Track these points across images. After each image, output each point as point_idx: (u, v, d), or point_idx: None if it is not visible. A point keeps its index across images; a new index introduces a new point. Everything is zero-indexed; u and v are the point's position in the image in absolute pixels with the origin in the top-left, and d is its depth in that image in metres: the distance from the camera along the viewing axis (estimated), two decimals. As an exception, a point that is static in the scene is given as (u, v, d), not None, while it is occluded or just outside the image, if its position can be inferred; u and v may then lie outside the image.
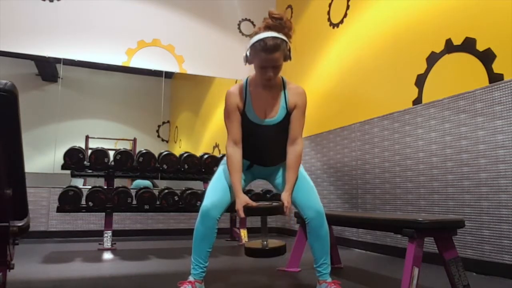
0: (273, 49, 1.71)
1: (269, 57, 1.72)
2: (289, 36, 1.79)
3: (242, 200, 1.77)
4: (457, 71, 2.76)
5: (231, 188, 1.84)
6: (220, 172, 1.93)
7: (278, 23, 1.75)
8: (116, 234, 4.08)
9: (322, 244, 1.84)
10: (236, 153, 1.84)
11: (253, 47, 1.75)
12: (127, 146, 6.66)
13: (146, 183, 5.73)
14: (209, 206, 1.79)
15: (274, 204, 1.75)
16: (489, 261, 2.46)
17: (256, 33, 1.76)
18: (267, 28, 1.75)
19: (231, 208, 1.87)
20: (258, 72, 1.80)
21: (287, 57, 1.79)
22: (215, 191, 1.86)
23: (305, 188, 1.88)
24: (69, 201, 3.48)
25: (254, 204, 1.75)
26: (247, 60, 1.80)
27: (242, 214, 1.75)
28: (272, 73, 1.76)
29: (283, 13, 1.80)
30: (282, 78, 1.90)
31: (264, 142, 1.92)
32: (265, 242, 1.75)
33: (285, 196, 1.78)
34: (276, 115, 1.86)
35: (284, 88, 1.88)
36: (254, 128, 1.87)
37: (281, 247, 1.76)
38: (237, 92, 1.87)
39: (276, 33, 1.73)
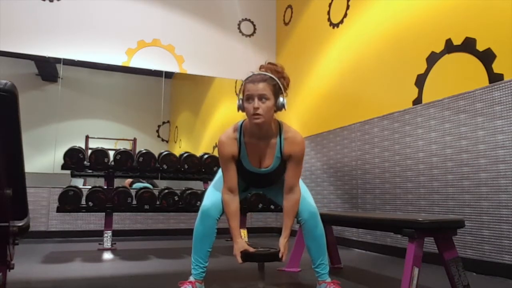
0: (259, 80, 1.70)
1: (254, 86, 1.69)
2: (282, 80, 1.75)
3: (240, 245, 1.77)
4: (457, 71, 2.76)
5: None
6: (220, 175, 1.93)
7: (271, 66, 1.77)
8: (116, 234, 4.08)
9: (318, 245, 1.85)
10: (233, 201, 1.82)
11: (242, 87, 1.75)
12: (127, 146, 6.67)
13: (145, 186, 5.70)
14: (209, 205, 1.81)
15: (272, 251, 1.78)
16: (489, 261, 2.46)
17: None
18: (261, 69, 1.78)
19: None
20: (249, 118, 1.74)
21: (278, 94, 1.72)
22: (216, 192, 1.88)
23: None
24: (69, 201, 3.47)
25: (251, 249, 1.76)
26: (240, 107, 1.77)
27: (239, 260, 1.75)
28: (257, 105, 1.67)
29: (281, 65, 1.80)
30: (279, 124, 1.84)
31: (260, 180, 1.95)
32: (261, 286, 1.79)
33: (282, 243, 1.78)
34: (270, 164, 1.85)
35: (280, 135, 1.81)
36: (250, 173, 1.89)
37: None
38: (230, 143, 1.82)
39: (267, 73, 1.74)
